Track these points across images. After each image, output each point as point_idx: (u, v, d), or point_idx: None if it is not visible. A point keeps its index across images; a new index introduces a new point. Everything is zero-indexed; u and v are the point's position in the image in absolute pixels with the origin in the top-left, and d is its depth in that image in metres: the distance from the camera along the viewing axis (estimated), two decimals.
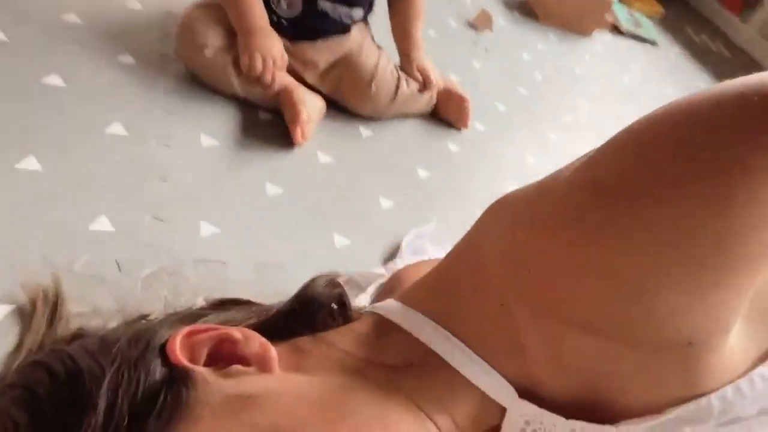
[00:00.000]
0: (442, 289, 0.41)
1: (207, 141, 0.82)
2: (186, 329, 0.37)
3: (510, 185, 1.03)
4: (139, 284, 0.61)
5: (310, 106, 0.88)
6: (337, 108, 0.98)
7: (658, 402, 0.35)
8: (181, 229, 0.69)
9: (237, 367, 0.36)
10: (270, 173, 0.82)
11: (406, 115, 1.05)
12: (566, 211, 0.32)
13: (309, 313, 0.45)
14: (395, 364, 0.39)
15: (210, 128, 0.84)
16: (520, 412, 0.38)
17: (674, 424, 0.35)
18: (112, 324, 0.52)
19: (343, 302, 0.47)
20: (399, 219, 0.85)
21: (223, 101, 0.89)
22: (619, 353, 0.34)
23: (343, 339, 0.41)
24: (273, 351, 0.37)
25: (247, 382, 0.35)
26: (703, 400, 0.34)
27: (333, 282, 0.49)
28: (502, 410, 0.38)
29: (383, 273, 0.72)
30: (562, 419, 0.37)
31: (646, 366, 0.34)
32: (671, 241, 0.29)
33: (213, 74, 0.88)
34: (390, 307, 0.42)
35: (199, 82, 0.89)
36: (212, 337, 0.37)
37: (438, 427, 0.37)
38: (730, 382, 0.35)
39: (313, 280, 0.47)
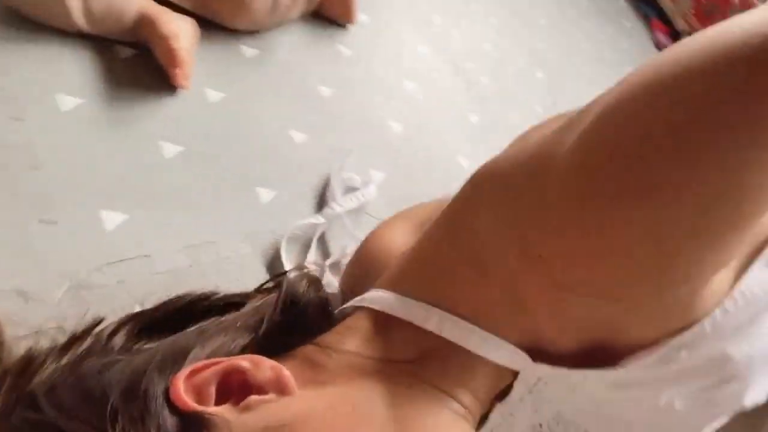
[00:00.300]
0: (438, 273, 0.40)
1: (67, 101, 0.66)
2: (186, 369, 0.33)
3: (411, 85, 0.99)
4: (56, 309, 0.52)
5: (183, 36, 0.73)
6: (208, 24, 0.83)
7: (657, 336, 0.38)
8: (80, 227, 0.57)
9: (254, 397, 0.33)
10: (159, 129, 0.69)
11: (288, 20, 0.92)
12: (571, 195, 0.31)
13: (302, 323, 0.42)
14: (410, 357, 0.38)
15: (65, 83, 0.67)
16: (533, 372, 0.39)
17: (671, 351, 0.38)
18: (61, 340, 0.45)
19: (328, 301, 0.44)
20: (317, 152, 0.78)
21: (68, 42, 0.71)
22: (625, 309, 0.36)
23: (348, 341, 0.39)
24: (286, 371, 0.35)
25: (271, 410, 0.33)
26: (696, 327, 0.37)
27: (312, 280, 0.45)
28: (516, 372, 0.39)
29: (322, 221, 0.68)
30: (573, 371, 0.39)
31: (649, 312, 0.36)
32: (680, 217, 0.29)
33: (45, 9, 0.69)
34: (383, 300, 0.40)
35: (27, 19, 0.69)
36: (217, 372, 0.34)
37: (464, 406, 0.38)
38: (717, 305, 0.38)
39: (292, 284, 0.43)
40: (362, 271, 0.48)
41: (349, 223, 0.70)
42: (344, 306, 0.43)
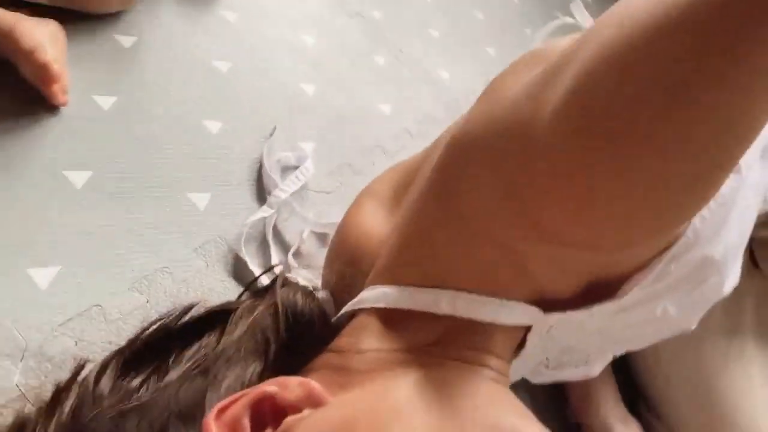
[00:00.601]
0: (434, 254, 0.39)
1: None
2: (214, 410, 0.32)
3: (309, 39, 0.93)
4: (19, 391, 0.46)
5: (50, 43, 0.62)
6: (69, 18, 0.71)
7: (649, 259, 0.39)
8: (11, 294, 0.50)
9: (290, 418, 0.33)
10: (56, 157, 0.60)
11: None
12: (560, 164, 0.30)
13: (309, 336, 0.41)
14: (431, 340, 0.38)
15: None
16: (544, 322, 0.40)
17: (663, 268, 0.41)
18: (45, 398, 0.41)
19: (324, 309, 0.43)
20: (239, 138, 0.72)
21: None
22: (624, 252, 0.37)
23: (364, 340, 0.39)
24: (315, 383, 0.34)
25: (312, 425, 0.32)
26: (681, 240, 0.39)
27: (304, 291, 0.43)
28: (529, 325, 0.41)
29: (271, 212, 0.64)
30: (581, 311, 0.40)
31: (646, 247, 0.38)
32: (679, 171, 0.29)
33: None
34: (387, 296, 0.39)
35: None
36: (247, 404, 0.33)
37: (495, 370, 0.39)
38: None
39: (287, 300, 0.42)
40: (347, 265, 0.46)
41: (297, 206, 0.67)
42: (346, 310, 0.42)
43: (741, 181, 0.41)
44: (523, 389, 0.67)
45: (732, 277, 0.46)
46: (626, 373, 0.72)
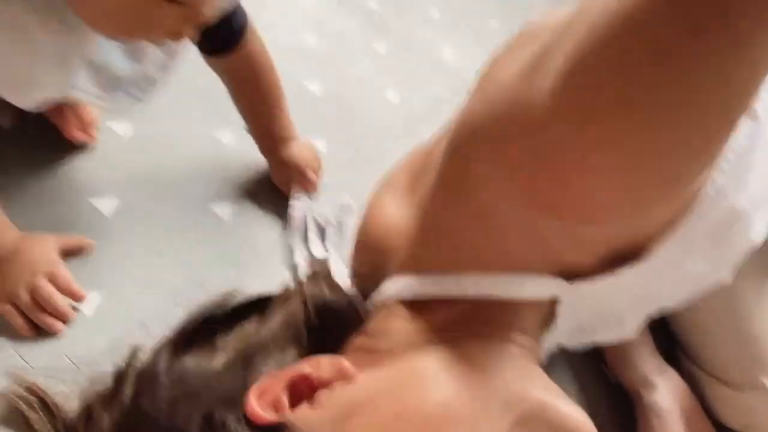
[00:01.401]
0: (455, 242, 0.40)
1: None
2: (254, 390, 0.36)
3: (310, 37, 0.93)
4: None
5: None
6: None
7: (671, 218, 0.39)
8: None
9: (323, 392, 0.36)
10: (84, 184, 0.62)
11: None
12: (565, 143, 0.30)
13: (339, 322, 0.44)
14: (455, 319, 0.40)
15: None
16: (572, 292, 0.41)
17: (686, 225, 0.40)
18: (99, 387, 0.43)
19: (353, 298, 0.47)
20: (249, 143, 0.74)
21: None
22: (636, 222, 0.37)
23: (393, 323, 0.41)
24: (345, 361, 0.37)
25: (341, 397, 0.35)
26: (702, 196, 0.38)
27: (332, 284, 0.45)
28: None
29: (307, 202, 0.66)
30: (607, 277, 0.40)
31: (665, 210, 0.38)
32: (685, 138, 0.29)
33: None
34: (410, 286, 0.42)
35: None
36: (284, 383, 0.36)
37: (517, 343, 0.40)
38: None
39: (314, 293, 0.44)
40: (376, 256, 0.48)
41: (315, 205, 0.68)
42: (374, 300, 0.43)
43: (758, 126, 0.41)
44: (560, 350, 0.68)
45: (759, 223, 0.45)
46: (662, 322, 0.72)
